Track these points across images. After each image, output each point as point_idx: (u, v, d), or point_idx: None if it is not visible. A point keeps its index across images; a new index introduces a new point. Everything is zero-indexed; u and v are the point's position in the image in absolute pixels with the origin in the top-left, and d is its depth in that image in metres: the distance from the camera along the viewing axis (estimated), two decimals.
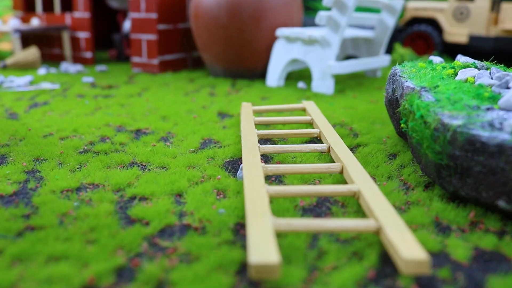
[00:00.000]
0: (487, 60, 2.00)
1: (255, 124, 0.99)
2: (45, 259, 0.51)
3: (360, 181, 0.64)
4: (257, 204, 0.57)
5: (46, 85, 1.44)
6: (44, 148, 0.84)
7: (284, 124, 1.02)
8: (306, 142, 0.92)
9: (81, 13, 1.95)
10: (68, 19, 2.00)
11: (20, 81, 1.45)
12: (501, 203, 0.57)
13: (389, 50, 2.15)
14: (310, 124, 1.00)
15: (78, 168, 0.76)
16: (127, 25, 2.08)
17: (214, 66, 1.66)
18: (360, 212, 0.62)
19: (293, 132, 0.88)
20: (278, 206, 0.63)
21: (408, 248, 0.48)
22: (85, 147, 0.86)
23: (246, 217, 0.57)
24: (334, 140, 0.81)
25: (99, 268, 0.49)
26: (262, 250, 0.47)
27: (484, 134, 0.56)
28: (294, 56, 1.48)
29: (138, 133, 0.96)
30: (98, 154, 0.83)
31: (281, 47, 1.51)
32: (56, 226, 0.58)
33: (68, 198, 0.65)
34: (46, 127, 0.98)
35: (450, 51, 2.06)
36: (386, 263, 0.51)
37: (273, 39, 1.58)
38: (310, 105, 1.05)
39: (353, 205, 0.64)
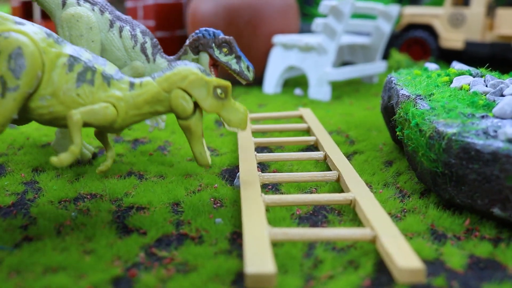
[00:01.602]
0: (482, 66, 2.01)
1: (252, 132, 0.99)
2: (43, 269, 0.51)
3: (356, 189, 0.64)
4: (253, 213, 0.57)
5: None
6: (43, 158, 0.84)
7: (281, 132, 1.02)
8: (303, 150, 0.92)
9: None
10: None
11: None
12: (496, 211, 0.57)
13: (386, 56, 2.16)
14: (306, 132, 1.00)
15: (76, 179, 0.76)
16: None
17: None
18: (356, 220, 0.62)
19: (290, 140, 0.89)
20: (275, 215, 0.63)
21: (404, 257, 0.48)
22: None
23: (242, 226, 0.58)
24: (330, 148, 0.81)
25: (96, 278, 0.49)
26: (258, 260, 0.47)
27: (479, 142, 0.57)
28: (291, 63, 1.48)
29: (135, 143, 0.96)
30: (95, 164, 0.83)
31: (278, 54, 1.52)
32: (53, 236, 0.58)
33: (66, 208, 0.66)
34: (44, 136, 0.98)
35: (446, 56, 2.07)
36: (382, 272, 0.51)
37: (270, 46, 1.59)
38: (306, 113, 1.06)
39: (349, 213, 0.64)
